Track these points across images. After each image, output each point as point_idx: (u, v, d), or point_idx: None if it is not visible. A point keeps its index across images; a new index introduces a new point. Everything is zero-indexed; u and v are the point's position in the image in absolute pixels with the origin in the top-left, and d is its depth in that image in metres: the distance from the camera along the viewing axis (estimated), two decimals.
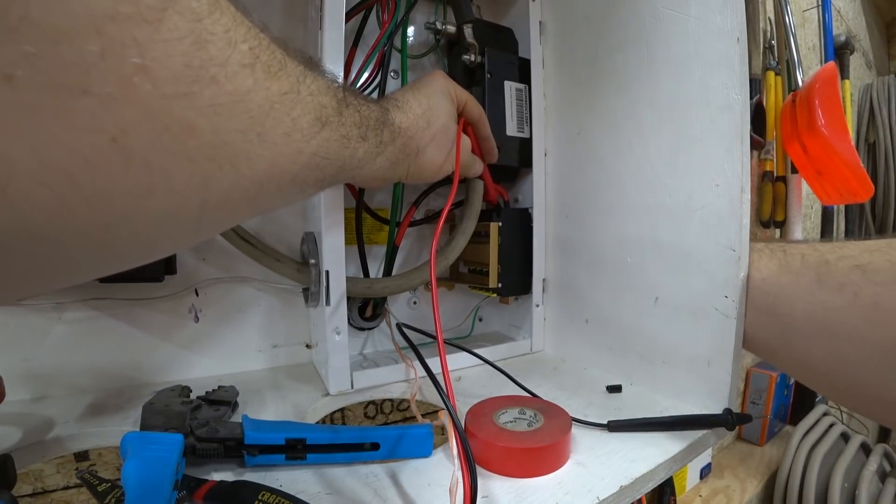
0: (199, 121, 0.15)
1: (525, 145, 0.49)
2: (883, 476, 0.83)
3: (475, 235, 0.46)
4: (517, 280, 0.49)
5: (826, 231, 1.12)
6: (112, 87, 0.13)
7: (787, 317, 0.30)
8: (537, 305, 0.51)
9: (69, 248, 0.14)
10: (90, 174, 0.13)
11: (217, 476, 0.27)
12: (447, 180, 0.43)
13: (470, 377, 0.44)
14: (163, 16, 0.13)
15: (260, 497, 0.24)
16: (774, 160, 0.88)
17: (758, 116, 0.83)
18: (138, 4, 0.13)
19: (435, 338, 0.31)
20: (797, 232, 0.89)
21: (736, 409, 0.34)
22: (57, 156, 0.12)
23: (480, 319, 0.57)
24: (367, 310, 0.47)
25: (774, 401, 0.91)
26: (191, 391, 0.35)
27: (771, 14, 0.90)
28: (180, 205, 0.16)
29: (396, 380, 0.42)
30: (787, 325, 0.30)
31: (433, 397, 0.41)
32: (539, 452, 0.28)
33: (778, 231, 0.92)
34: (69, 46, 0.12)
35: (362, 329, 0.48)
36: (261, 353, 0.45)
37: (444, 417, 0.30)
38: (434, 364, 0.44)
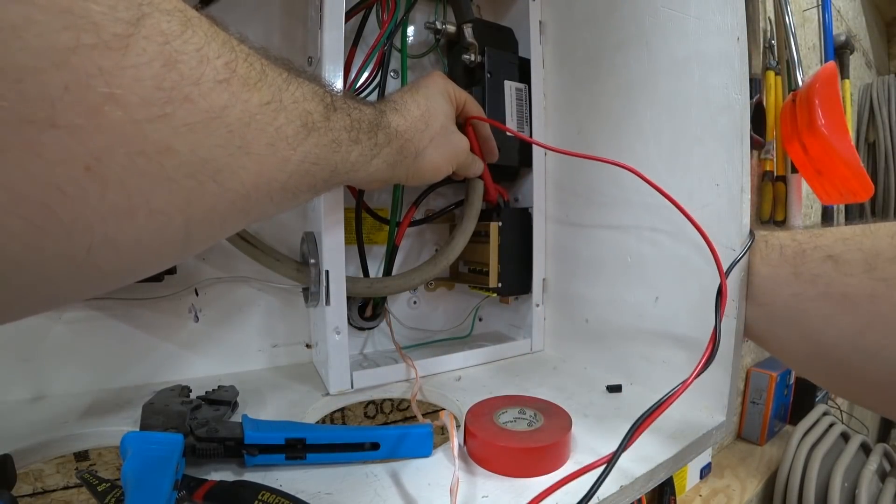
0: (175, 141, 0.15)
1: (525, 145, 0.49)
2: (883, 476, 0.83)
3: (475, 235, 0.46)
4: (517, 280, 0.49)
5: None
6: (80, 117, 0.12)
7: (768, 306, 0.32)
8: (537, 305, 0.51)
9: (51, 273, 0.14)
10: (66, 203, 0.13)
11: (217, 476, 0.27)
12: (448, 181, 0.43)
13: (470, 377, 0.44)
14: (129, 42, 0.13)
15: (260, 497, 0.24)
16: (774, 160, 0.88)
17: (758, 116, 0.83)
18: (101, 34, 0.13)
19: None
20: None
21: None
22: (30, 188, 0.12)
23: (480, 319, 0.57)
24: (367, 310, 0.47)
25: (774, 400, 0.91)
26: (191, 391, 0.35)
27: (771, 14, 0.89)
28: (164, 223, 0.16)
29: (396, 380, 0.42)
30: (769, 313, 0.32)
31: (433, 397, 0.41)
32: (539, 452, 0.28)
33: None
34: (31, 82, 0.11)
35: (362, 329, 0.48)
36: (261, 352, 0.45)
37: (444, 417, 0.30)
38: (433, 364, 0.45)
